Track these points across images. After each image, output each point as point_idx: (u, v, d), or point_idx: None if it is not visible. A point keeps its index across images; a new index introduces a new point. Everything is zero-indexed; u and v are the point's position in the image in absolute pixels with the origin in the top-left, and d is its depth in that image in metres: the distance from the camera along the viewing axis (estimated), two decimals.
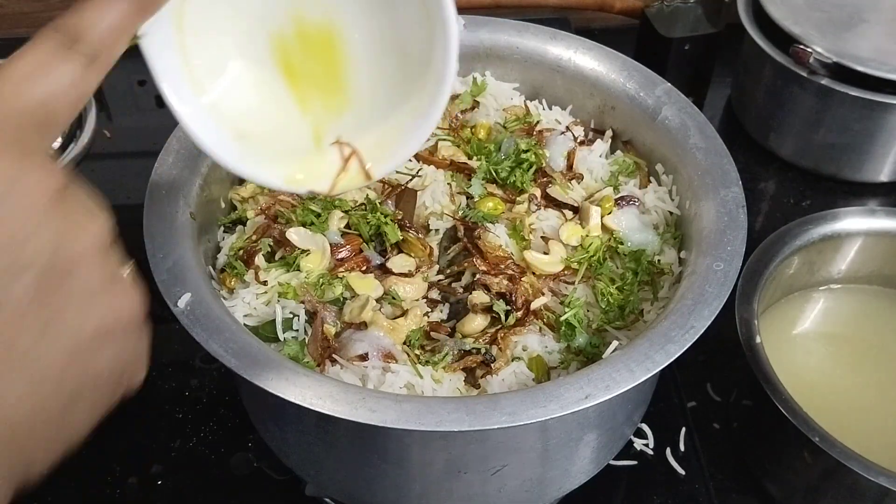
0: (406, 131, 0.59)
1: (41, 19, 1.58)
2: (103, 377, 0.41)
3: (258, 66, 0.59)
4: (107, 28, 0.41)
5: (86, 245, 0.38)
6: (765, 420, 0.88)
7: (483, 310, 0.74)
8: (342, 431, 0.70)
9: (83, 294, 0.38)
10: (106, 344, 0.40)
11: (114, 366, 0.41)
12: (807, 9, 1.18)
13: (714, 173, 0.79)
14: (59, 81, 0.39)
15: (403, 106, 0.59)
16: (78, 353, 0.39)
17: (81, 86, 0.40)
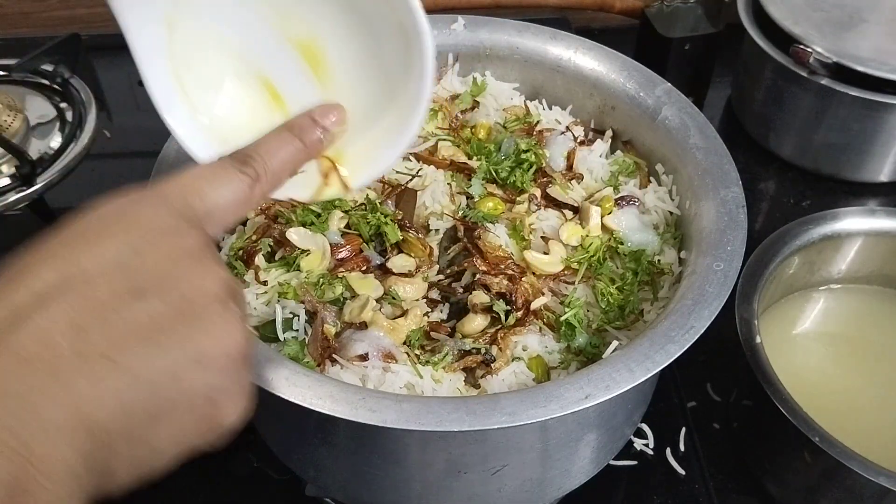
0: (384, 144, 0.60)
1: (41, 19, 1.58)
2: (194, 402, 0.42)
3: (248, 84, 0.61)
4: (276, 160, 0.52)
5: (210, 288, 0.43)
6: (765, 420, 0.88)
7: (483, 310, 0.74)
8: (342, 431, 0.70)
9: (193, 321, 0.42)
10: (203, 370, 0.42)
11: (207, 393, 0.42)
12: (807, 9, 1.18)
13: (714, 173, 0.79)
14: (226, 188, 0.49)
15: (383, 119, 0.60)
16: (175, 371, 0.41)
17: (244, 196, 0.49)
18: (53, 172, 1.17)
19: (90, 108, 1.27)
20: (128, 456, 0.40)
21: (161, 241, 0.43)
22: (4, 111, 1.20)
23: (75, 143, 1.22)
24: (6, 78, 1.31)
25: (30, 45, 1.33)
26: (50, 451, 0.36)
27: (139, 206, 0.45)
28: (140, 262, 0.42)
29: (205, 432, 0.44)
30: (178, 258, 0.43)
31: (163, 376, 0.40)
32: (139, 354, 0.39)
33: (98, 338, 0.39)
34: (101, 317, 0.39)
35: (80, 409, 0.37)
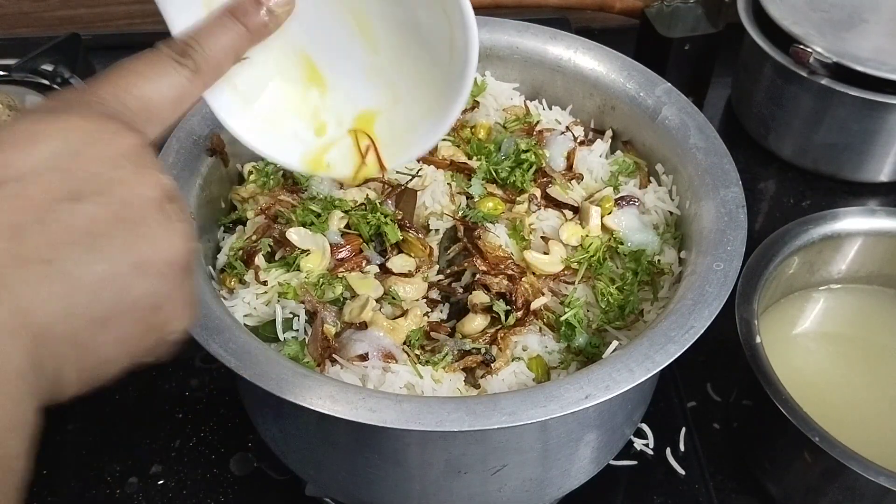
0: (423, 127, 0.60)
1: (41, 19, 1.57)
2: (138, 308, 0.41)
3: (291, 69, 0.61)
4: (217, 47, 0.49)
5: (149, 193, 0.42)
6: (765, 420, 0.88)
7: (483, 310, 0.74)
8: (342, 431, 0.70)
9: (132, 226, 0.41)
10: (145, 276, 0.41)
11: (150, 300, 0.42)
12: (807, 9, 1.18)
13: (714, 173, 0.79)
14: (163, 82, 0.47)
15: (423, 101, 0.60)
16: (116, 277, 0.40)
17: (183, 91, 0.47)
18: None
19: None
20: (75, 361, 0.40)
21: (97, 143, 0.42)
22: (4, 111, 1.20)
23: None
24: (6, 78, 1.31)
25: (30, 45, 1.33)
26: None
27: (73, 108, 0.43)
28: (76, 164, 0.40)
29: (150, 341, 0.43)
30: (116, 161, 0.42)
31: (104, 282, 0.39)
32: (79, 259, 0.39)
33: (36, 240, 0.38)
34: (38, 219, 0.38)
35: (22, 310, 0.37)
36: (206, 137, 0.81)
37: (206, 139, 0.81)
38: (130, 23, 1.48)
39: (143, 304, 0.41)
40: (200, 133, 0.81)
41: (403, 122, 0.61)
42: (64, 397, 0.41)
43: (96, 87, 0.45)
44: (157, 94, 0.46)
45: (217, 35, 0.50)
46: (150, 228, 0.41)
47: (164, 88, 0.47)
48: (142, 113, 0.45)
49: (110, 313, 0.40)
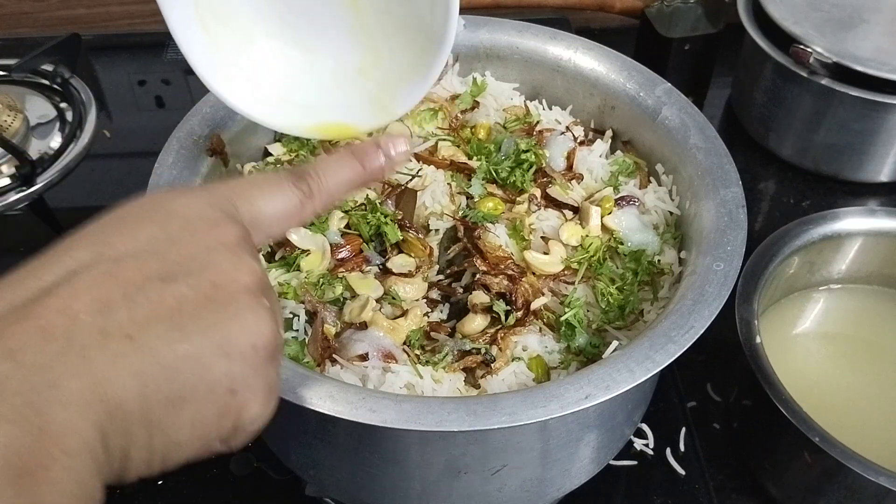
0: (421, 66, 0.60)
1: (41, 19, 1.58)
2: (215, 391, 0.41)
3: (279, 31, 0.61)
4: (332, 179, 0.52)
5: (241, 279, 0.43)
6: (765, 420, 0.88)
7: (483, 310, 0.74)
8: (342, 431, 0.70)
9: (220, 308, 0.41)
10: (226, 358, 0.41)
11: (229, 384, 0.41)
12: (807, 9, 1.18)
13: (714, 173, 0.79)
14: (276, 198, 0.49)
15: (408, 58, 0.60)
16: (196, 357, 0.40)
17: (293, 209, 0.50)
18: (53, 172, 1.17)
19: (90, 108, 1.27)
20: (145, 441, 0.39)
21: (198, 231, 0.43)
22: (4, 111, 1.20)
23: (75, 143, 1.22)
24: (6, 78, 1.31)
25: (30, 45, 1.33)
26: (67, 423, 0.36)
27: (182, 198, 0.45)
28: (173, 249, 0.41)
29: (225, 427, 0.42)
30: (213, 247, 0.43)
31: (184, 361, 0.39)
32: (162, 336, 0.39)
33: (121, 316, 0.38)
34: (126, 295, 0.39)
35: (98, 384, 0.37)
36: (206, 137, 0.81)
37: (206, 139, 0.81)
38: (130, 23, 1.48)
39: (221, 386, 0.41)
40: (200, 133, 0.81)
41: (388, 80, 0.61)
42: (129, 478, 0.40)
43: (214, 187, 0.47)
44: (268, 206, 0.48)
45: (335, 169, 0.53)
46: (237, 311, 0.41)
47: (276, 202, 0.49)
48: (249, 218, 0.47)
49: (186, 393, 0.40)
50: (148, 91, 1.37)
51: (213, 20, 0.60)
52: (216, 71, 0.60)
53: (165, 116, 1.34)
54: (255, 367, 0.42)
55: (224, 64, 0.60)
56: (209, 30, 0.60)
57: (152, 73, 1.38)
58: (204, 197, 0.45)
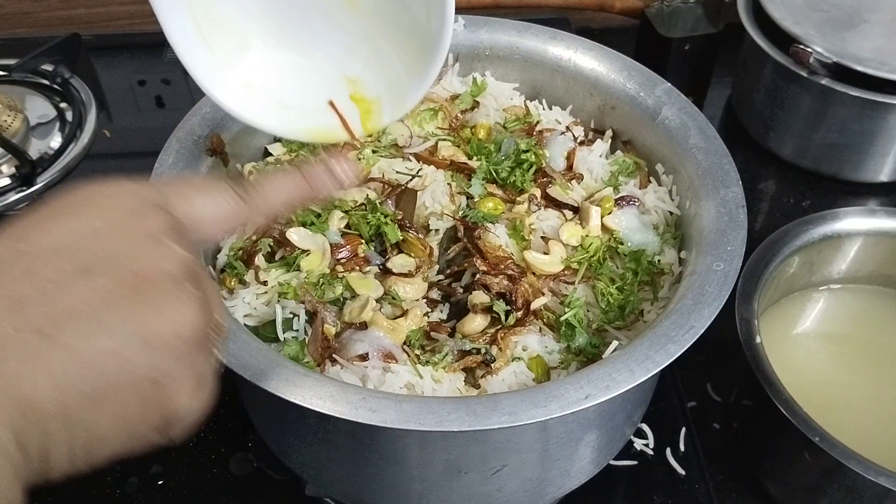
0: (418, 70, 0.60)
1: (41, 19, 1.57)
2: (138, 384, 0.40)
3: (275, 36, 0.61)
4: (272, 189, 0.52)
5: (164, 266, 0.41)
6: (765, 420, 0.88)
7: (483, 310, 0.74)
8: (342, 431, 0.70)
9: (141, 299, 0.40)
10: (148, 351, 0.40)
11: (152, 375, 0.40)
12: (807, 9, 1.18)
13: (714, 173, 0.79)
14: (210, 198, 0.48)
15: (406, 61, 0.60)
16: (116, 351, 0.39)
17: (227, 212, 0.49)
18: (53, 172, 1.17)
19: (90, 108, 1.27)
20: (65, 438, 0.39)
21: (122, 223, 0.42)
22: (4, 111, 1.20)
23: (75, 143, 1.22)
24: (6, 78, 1.31)
25: (30, 45, 1.33)
26: None
27: (108, 190, 0.44)
28: (94, 241, 0.41)
29: (152, 419, 0.41)
30: (135, 237, 0.42)
31: (102, 355, 0.38)
32: (78, 331, 0.38)
33: (36, 314, 0.37)
34: (42, 292, 0.38)
35: (11, 385, 0.36)
36: (205, 137, 0.81)
37: (206, 139, 0.81)
38: (130, 23, 1.48)
39: (143, 378, 0.40)
40: (200, 133, 0.81)
41: (385, 83, 0.61)
42: (54, 476, 0.40)
43: (150, 182, 0.48)
44: (203, 206, 0.48)
45: (279, 184, 0.53)
46: (159, 301, 0.40)
47: (210, 203, 0.48)
48: (183, 214, 0.46)
49: (106, 388, 0.39)
50: (148, 91, 1.37)
51: (208, 24, 0.60)
52: (213, 75, 0.60)
53: (165, 116, 1.34)
54: (180, 356, 0.41)
55: (220, 68, 0.60)
56: (205, 34, 0.60)
57: (152, 73, 1.38)
58: (132, 188, 0.45)
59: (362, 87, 0.63)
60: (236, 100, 0.61)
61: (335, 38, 0.62)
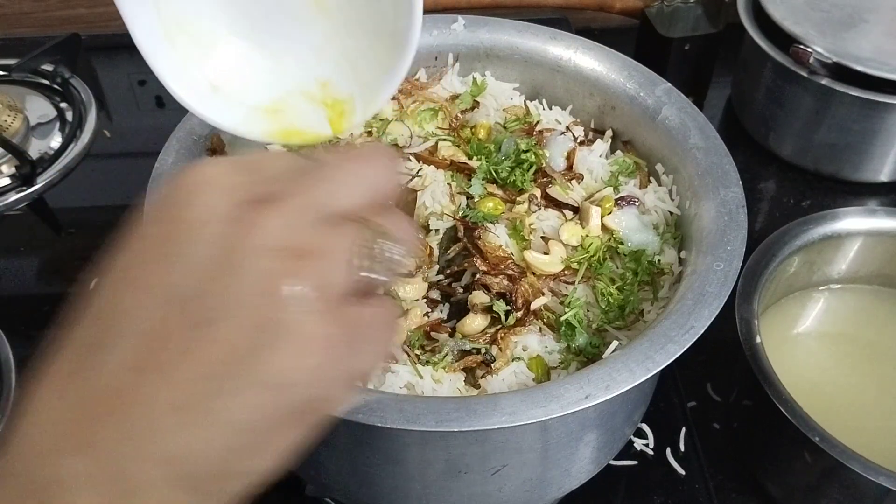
0: (386, 70, 0.60)
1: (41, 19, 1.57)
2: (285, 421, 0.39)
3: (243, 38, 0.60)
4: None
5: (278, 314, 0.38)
6: (765, 420, 0.88)
7: (483, 310, 0.74)
8: (342, 431, 0.70)
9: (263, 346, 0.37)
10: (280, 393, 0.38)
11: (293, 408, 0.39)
12: (807, 9, 1.18)
13: (714, 173, 0.79)
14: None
15: (374, 61, 0.60)
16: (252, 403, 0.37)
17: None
18: (53, 172, 1.17)
19: (90, 108, 1.27)
20: (220, 488, 0.39)
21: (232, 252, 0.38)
22: (4, 111, 1.20)
23: (75, 143, 1.22)
24: (6, 78, 1.31)
25: (30, 45, 1.33)
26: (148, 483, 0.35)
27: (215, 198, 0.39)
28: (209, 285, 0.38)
29: (304, 436, 0.42)
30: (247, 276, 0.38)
31: (241, 412, 0.37)
32: (210, 395, 0.36)
33: (161, 384, 0.36)
34: (161, 362, 0.36)
35: (171, 461, 0.36)
36: (206, 137, 0.81)
37: (206, 139, 0.81)
38: None
39: (285, 415, 0.39)
40: (200, 133, 0.81)
41: (359, 81, 0.61)
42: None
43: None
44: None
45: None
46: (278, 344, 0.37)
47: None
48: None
49: (255, 438, 0.38)
50: (148, 91, 1.37)
51: (175, 26, 0.60)
52: (179, 75, 0.59)
53: (165, 116, 1.34)
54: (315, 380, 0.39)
55: (186, 68, 0.60)
56: (171, 34, 0.60)
57: (152, 73, 1.38)
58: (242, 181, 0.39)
59: (333, 89, 0.63)
60: (203, 101, 0.61)
61: (303, 40, 0.61)
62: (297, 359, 0.38)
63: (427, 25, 0.96)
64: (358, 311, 0.40)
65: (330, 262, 0.39)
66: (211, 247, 0.37)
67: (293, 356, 0.38)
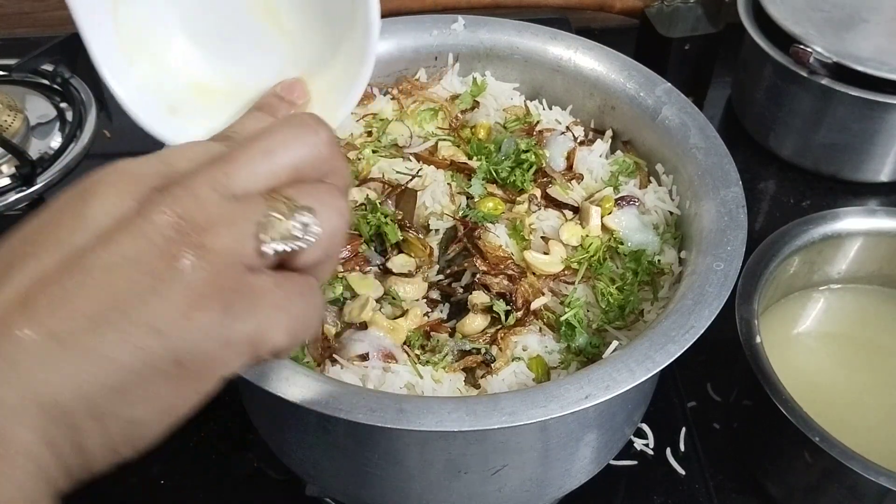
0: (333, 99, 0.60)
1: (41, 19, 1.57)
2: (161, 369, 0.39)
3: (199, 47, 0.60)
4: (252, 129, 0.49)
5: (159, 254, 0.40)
6: (765, 420, 0.88)
7: (483, 310, 0.74)
8: (342, 431, 0.70)
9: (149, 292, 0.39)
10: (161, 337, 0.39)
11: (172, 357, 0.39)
12: (807, 9, 1.18)
13: (714, 173, 0.79)
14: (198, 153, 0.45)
15: (329, 71, 0.60)
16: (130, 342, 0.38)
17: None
18: (53, 172, 1.17)
19: (90, 108, 1.27)
20: (99, 432, 0.39)
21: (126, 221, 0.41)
22: (4, 111, 1.20)
23: (75, 143, 1.22)
24: (6, 78, 1.31)
25: (30, 45, 1.33)
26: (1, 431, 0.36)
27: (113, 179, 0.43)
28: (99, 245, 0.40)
29: (191, 391, 0.41)
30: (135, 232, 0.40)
31: (115, 350, 0.38)
32: (88, 331, 0.38)
33: (46, 317, 0.37)
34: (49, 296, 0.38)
35: (31, 388, 0.37)
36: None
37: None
38: None
39: (163, 363, 0.39)
40: None
41: (318, 98, 0.61)
42: (97, 467, 0.40)
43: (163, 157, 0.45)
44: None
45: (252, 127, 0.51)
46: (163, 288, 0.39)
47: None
48: None
49: (128, 379, 0.39)
50: None
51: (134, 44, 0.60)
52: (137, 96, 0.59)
53: None
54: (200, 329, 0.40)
55: (145, 90, 0.60)
56: (130, 55, 0.60)
57: None
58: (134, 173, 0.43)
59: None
60: (161, 121, 0.60)
61: (264, 62, 0.61)
62: (180, 310, 0.39)
63: (427, 25, 0.96)
64: (255, 279, 0.42)
65: (227, 233, 0.41)
66: (108, 217, 0.40)
67: (176, 307, 0.39)
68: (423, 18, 0.97)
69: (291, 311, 0.43)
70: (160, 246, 0.39)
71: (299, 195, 0.43)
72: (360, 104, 0.93)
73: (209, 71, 0.61)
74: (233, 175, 0.42)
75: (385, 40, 0.95)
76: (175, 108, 0.60)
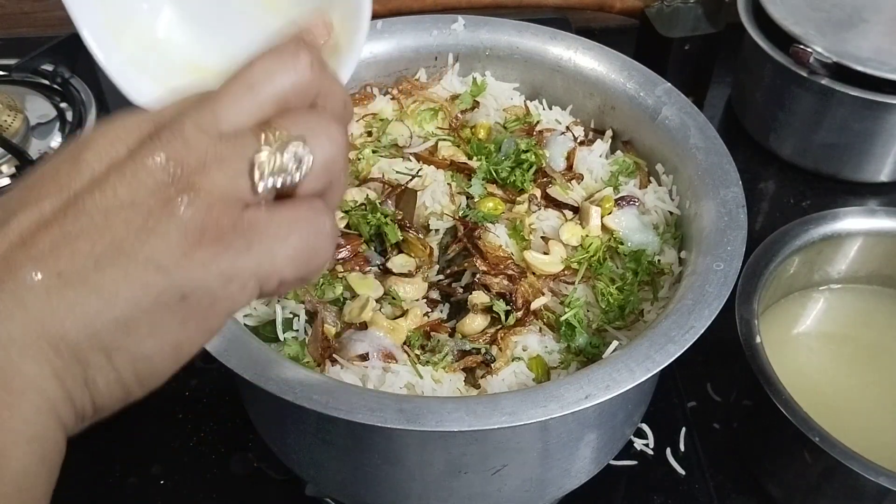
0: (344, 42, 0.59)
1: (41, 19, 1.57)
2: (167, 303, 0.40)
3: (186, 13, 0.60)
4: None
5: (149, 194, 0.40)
6: (765, 420, 0.88)
7: (483, 310, 0.74)
8: (342, 431, 0.70)
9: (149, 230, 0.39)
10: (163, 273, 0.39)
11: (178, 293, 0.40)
12: (807, 9, 1.18)
13: (714, 173, 0.79)
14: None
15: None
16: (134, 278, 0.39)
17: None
18: None
19: (90, 108, 1.27)
20: (109, 367, 0.39)
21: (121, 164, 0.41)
22: (4, 111, 1.20)
23: None
24: (6, 78, 1.31)
25: (30, 45, 1.33)
26: (7, 364, 0.36)
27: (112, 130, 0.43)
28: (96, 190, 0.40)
29: (195, 332, 0.42)
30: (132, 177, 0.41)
31: (120, 286, 0.38)
32: (91, 268, 0.38)
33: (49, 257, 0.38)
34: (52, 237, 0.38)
35: (38, 324, 0.37)
36: None
37: None
38: None
39: (169, 298, 0.39)
40: None
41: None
42: (108, 405, 0.41)
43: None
44: None
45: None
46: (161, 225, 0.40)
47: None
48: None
49: (134, 314, 0.39)
50: None
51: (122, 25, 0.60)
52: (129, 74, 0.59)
53: None
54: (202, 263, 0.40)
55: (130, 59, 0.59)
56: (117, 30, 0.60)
57: None
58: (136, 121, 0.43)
59: None
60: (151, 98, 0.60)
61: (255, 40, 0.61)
62: (180, 248, 0.39)
63: (427, 25, 0.96)
64: (252, 214, 0.42)
65: (218, 172, 0.41)
66: (102, 164, 0.41)
67: (176, 245, 0.39)
68: (423, 18, 0.97)
69: (294, 241, 0.43)
70: (153, 189, 0.40)
71: (289, 125, 0.43)
72: (360, 104, 0.93)
73: (199, 48, 0.61)
74: (219, 113, 0.42)
75: (385, 40, 0.95)
76: (167, 84, 0.60)
